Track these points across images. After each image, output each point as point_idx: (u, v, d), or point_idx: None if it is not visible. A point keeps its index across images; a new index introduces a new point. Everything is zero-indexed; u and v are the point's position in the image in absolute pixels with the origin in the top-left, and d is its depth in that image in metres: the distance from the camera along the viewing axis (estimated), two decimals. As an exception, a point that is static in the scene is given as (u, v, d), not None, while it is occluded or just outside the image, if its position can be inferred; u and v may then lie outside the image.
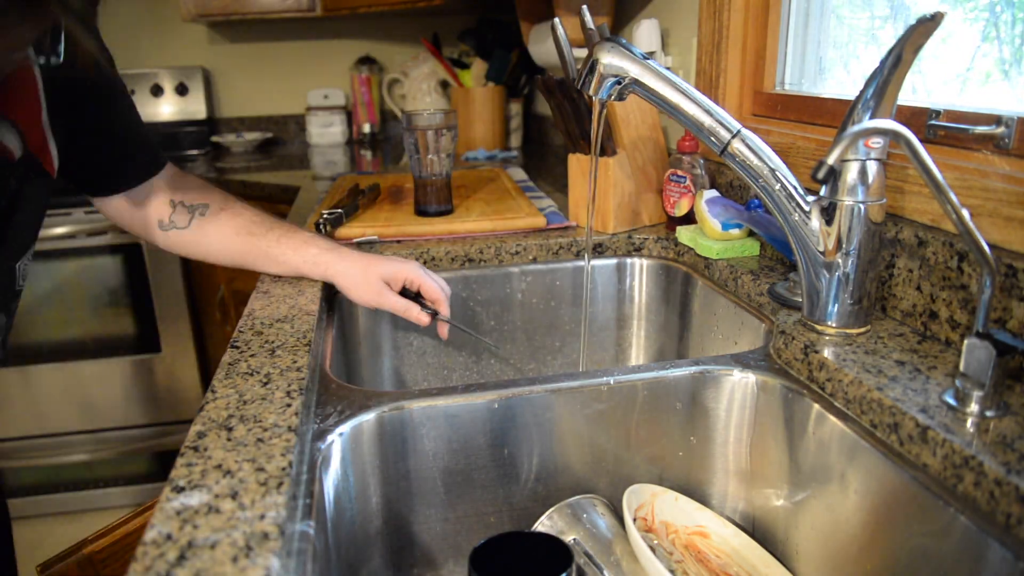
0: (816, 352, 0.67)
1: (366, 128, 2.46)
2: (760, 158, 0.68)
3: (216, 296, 1.94)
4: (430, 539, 0.70)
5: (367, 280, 0.87)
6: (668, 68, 0.72)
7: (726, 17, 1.05)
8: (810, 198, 0.68)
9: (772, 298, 0.81)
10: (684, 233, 1.01)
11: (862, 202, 0.66)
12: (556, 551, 0.58)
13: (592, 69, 0.72)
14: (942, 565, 0.51)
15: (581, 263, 1.06)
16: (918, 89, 0.84)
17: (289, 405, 0.58)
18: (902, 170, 0.73)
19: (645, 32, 1.23)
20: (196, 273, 2.01)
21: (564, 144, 1.13)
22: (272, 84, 2.51)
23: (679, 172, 1.04)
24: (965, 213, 0.53)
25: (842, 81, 0.98)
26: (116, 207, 0.89)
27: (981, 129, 0.67)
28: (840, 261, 0.68)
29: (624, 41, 0.72)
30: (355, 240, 1.07)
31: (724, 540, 0.72)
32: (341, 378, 0.83)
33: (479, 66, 2.08)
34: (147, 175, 0.89)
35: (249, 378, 0.64)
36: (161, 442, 2.10)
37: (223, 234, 0.89)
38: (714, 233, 0.95)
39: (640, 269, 1.08)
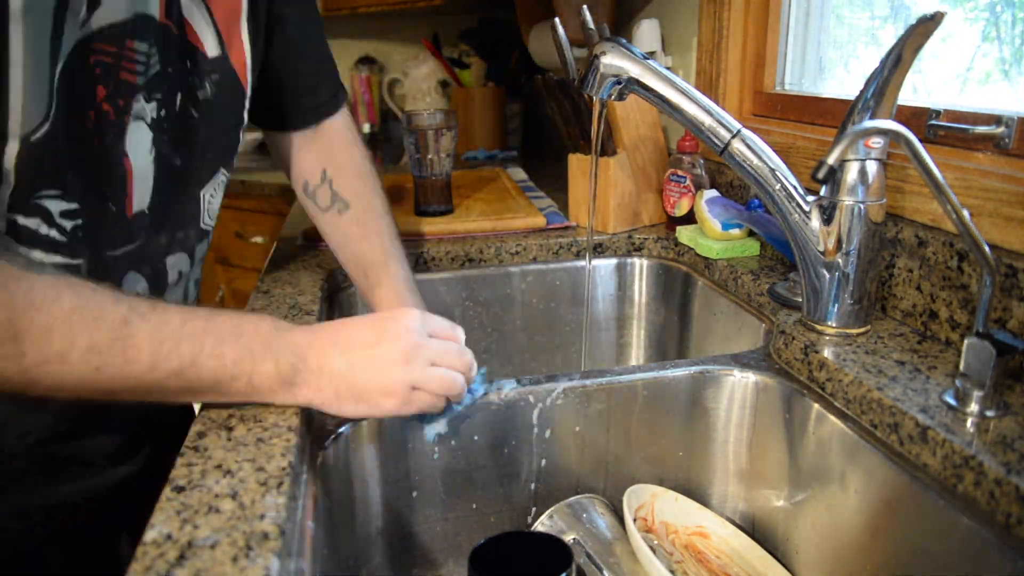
0: (816, 352, 0.67)
1: (366, 128, 2.46)
2: (760, 158, 0.68)
3: (216, 296, 1.94)
4: (430, 539, 0.70)
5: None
6: (668, 68, 0.72)
7: (726, 17, 1.05)
8: (810, 198, 0.68)
9: (772, 298, 0.81)
10: (684, 233, 1.01)
11: (862, 202, 0.66)
12: (556, 551, 0.58)
13: (592, 69, 0.72)
14: (942, 565, 0.51)
15: (581, 263, 1.06)
16: (918, 89, 0.84)
17: (289, 405, 0.58)
18: (902, 170, 0.73)
19: (645, 32, 1.23)
20: (196, 273, 2.00)
21: (564, 144, 1.13)
22: (272, 84, 2.51)
23: (679, 172, 1.04)
24: (965, 213, 0.53)
25: (842, 81, 0.98)
26: (288, 147, 0.84)
27: (981, 129, 0.67)
28: (840, 261, 0.68)
29: (624, 41, 0.72)
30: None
31: (724, 540, 0.72)
32: (341, 378, 0.83)
33: (479, 66, 2.08)
34: (330, 111, 0.84)
35: (249, 378, 0.64)
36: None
37: (348, 235, 0.85)
38: (714, 233, 0.95)
39: (640, 269, 1.08)
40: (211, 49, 0.68)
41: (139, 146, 0.62)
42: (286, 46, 0.78)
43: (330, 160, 0.85)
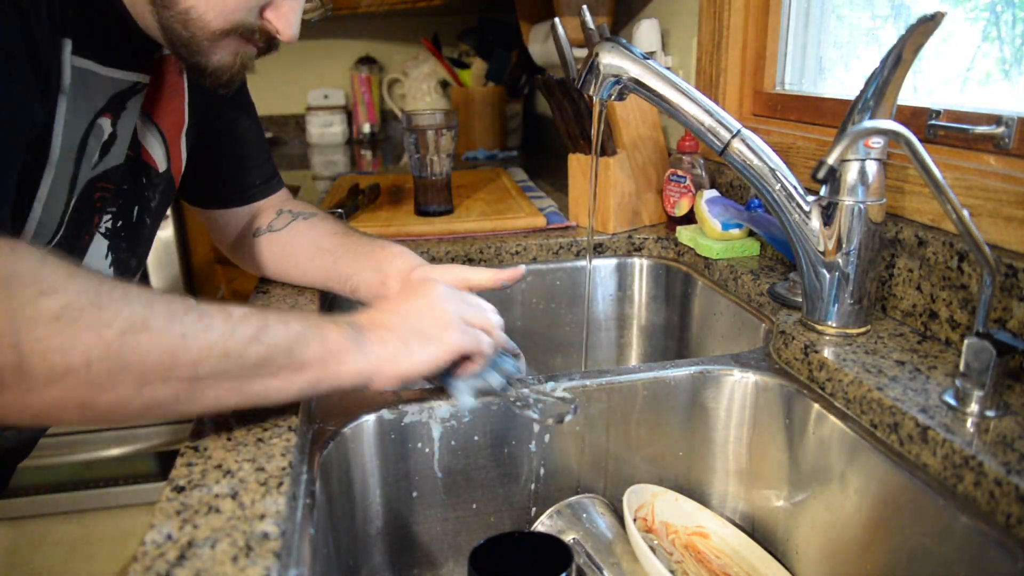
0: (816, 352, 0.67)
1: (366, 128, 2.46)
2: (760, 158, 0.68)
3: (216, 296, 1.94)
4: (430, 539, 0.70)
5: None
6: (668, 68, 0.72)
7: (726, 17, 1.05)
8: (810, 198, 0.68)
9: (772, 298, 0.81)
10: (684, 233, 1.01)
11: (862, 202, 0.66)
12: (556, 551, 0.58)
13: (592, 69, 0.72)
14: (942, 565, 0.51)
15: (581, 263, 1.06)
16: (918, 89, 0.84)
17: (289, 405, 0.58)
18: (902, 170, 0.73)
19: (645, 32, 1.23)
20: (197, 273, 2.01)
21: (564, 144, 1.13)
22: (272, 84, 2.51)
23: (679, 172, 1.04)
24: (965, 213, 0.53)
25: (842, 81, 0.98)
26: (216, 215, 0.87)
27: (981, 129, 0.67)
28: (840, 261, 0.68)
29: (624, 41, 0.72)
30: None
31: (724, 540, 0.72)
32: (341, 378, 0.83)
33: (479, 66, 2.08)
34: (262, 196, 0.87)
35: (249, 378, 0.64)
36: (161, 442, 2.10)
37: (316, 233, 0.84)
38: (714, 233, 0.95)
39: (640, 269, 1.08)
40: (160, 164, 0.74)
41: (95, 254, 0.69)
42: (220, 144, 0.83)
43: (284, 203, 0.89)
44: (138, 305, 0.44)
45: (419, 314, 0.60)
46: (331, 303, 0.94)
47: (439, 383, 0.65)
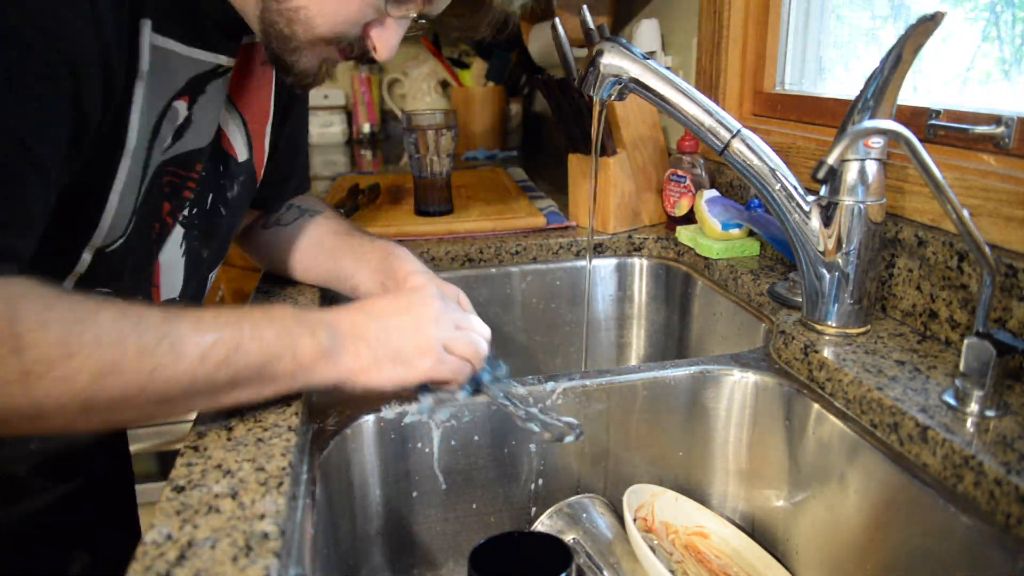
0: (816, 352, 0.67)
1: (366, 128, 2.46)
2: (760, 158, 0.68)
3: (216, 296, 1.94)
4: (430, 539, 0.70)
5: None
6: (668, 68, 0.72)
7: (726, 17, 1.05)
8: (810, 198, 0.68)
9: (772, 298, 0.81)
10: (684, 233, 1.01)
11: (862, 202, 0.66)
12: (556, 551, 0.58)
13: (592, 69, 0.72)
14: (942, 565, 0.51)
15: (581, 263, 1.06)
16: (918, 89, 0.84)
17: (289, 405, 0.58)
18: (902, 170, 0.73)
19: (645, 32, 1.23)
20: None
21: (564, 144, 1.13)
22: (272, 84, 2.51)
23: (679, 172, 1.04)
24: (965, 213, 0.53)
25: (842, 81, 0.98)
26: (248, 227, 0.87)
27: (981, 129, 0.67)
28: (840, 261, 0.68)
29: (624, 41, 0.72)
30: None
31: (724, 540, 0.72)
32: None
33: (479, 66, 2.08)
34: (295, 193, 0.87)
35: (249, 378, 0.64)
36: (162, 442, 2.10)
37: (320, 232, 0.83)
38: (714, 233, 0.95)
39: (640, 269, 1.08)
40: (241, 153, 0.72)
41: (171, 244, 0.67)
42: (286, 143, 0.82)
43: (297, 199, 0.89)
44: (108, 348, 0.46)
45: (400, 332, 0.59)
46: (331, 302, 0.93)
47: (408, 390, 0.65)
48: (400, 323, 0.60)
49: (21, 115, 0.47)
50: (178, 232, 0.67)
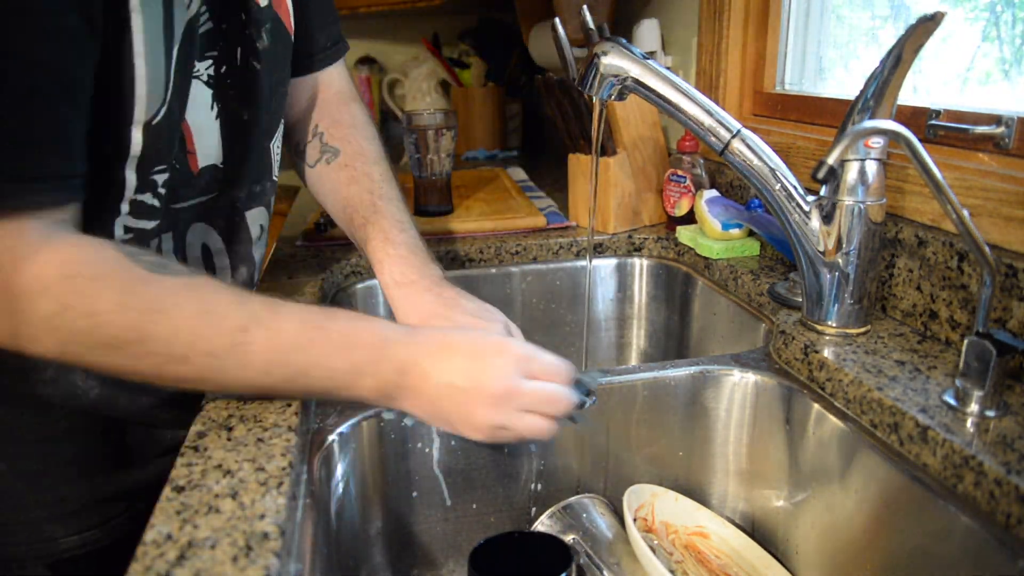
0: (816, 352, 0.67)
1: (366, 128, 2.46)
2: (760, 158, 0.68)
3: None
4: (430, 539, 0.70)
5: None
6: (668, 68, 0.72)
7: (726, 17, 1.05)
8: (810, 198, 0.68)
9: (772, 298, 0.81)
10: (684, 233, 1.01)
11: (862, 202, 0.66)
12: (556, 551, 0.58)
13: (592, 69, 0.72)
14: (942, 565, 0.51)
15: (581, 263, 1.06)
16: (918, 89, 0.84)
17: (289, 405, 0.58)
18: (902, 170, 0.73)
19: (645, 32, 1.23)
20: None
21: (564, 144, 1.13)
22: (272, 84, 2.51)
23: (679, 172, 1.04)
24: (965, 213, 0.53)
25: (842, 81, 0.98)
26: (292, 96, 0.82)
27: (981, 129, 0.67)
28: (840, 261, 0.68)
29: (624, 41, 0.72)
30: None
31: (724, 540, 0.72)
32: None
33: (479, 66, 2.08)
34: (326, 62, 0.83)
35: (249, 378, 0.64)
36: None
37: (334, 186, 0.81)
38: (714, 233, 0.95)
39: (640, 269, 1.08)
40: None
41: (195, 105, 0.64)
42: None
43: (323, 115, 0.84)
44: (180, 345, 0.50)
45: (459, 400, 0.56)
46: (332, 303, 0.94)
47: None
48: (459, 393, 0.56)
49: (35, 36, 0.47)
50: (203, 93, 0.64)
